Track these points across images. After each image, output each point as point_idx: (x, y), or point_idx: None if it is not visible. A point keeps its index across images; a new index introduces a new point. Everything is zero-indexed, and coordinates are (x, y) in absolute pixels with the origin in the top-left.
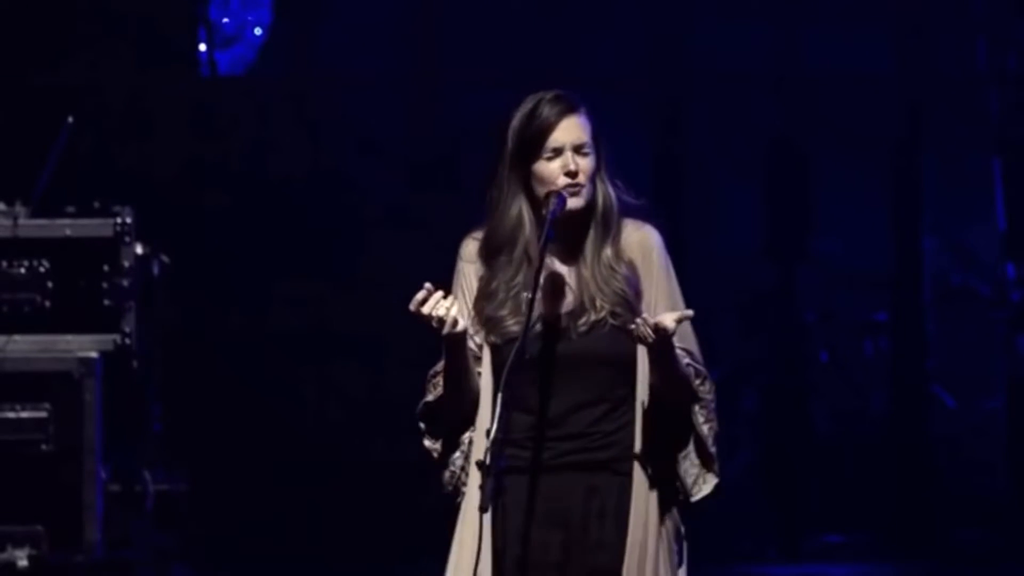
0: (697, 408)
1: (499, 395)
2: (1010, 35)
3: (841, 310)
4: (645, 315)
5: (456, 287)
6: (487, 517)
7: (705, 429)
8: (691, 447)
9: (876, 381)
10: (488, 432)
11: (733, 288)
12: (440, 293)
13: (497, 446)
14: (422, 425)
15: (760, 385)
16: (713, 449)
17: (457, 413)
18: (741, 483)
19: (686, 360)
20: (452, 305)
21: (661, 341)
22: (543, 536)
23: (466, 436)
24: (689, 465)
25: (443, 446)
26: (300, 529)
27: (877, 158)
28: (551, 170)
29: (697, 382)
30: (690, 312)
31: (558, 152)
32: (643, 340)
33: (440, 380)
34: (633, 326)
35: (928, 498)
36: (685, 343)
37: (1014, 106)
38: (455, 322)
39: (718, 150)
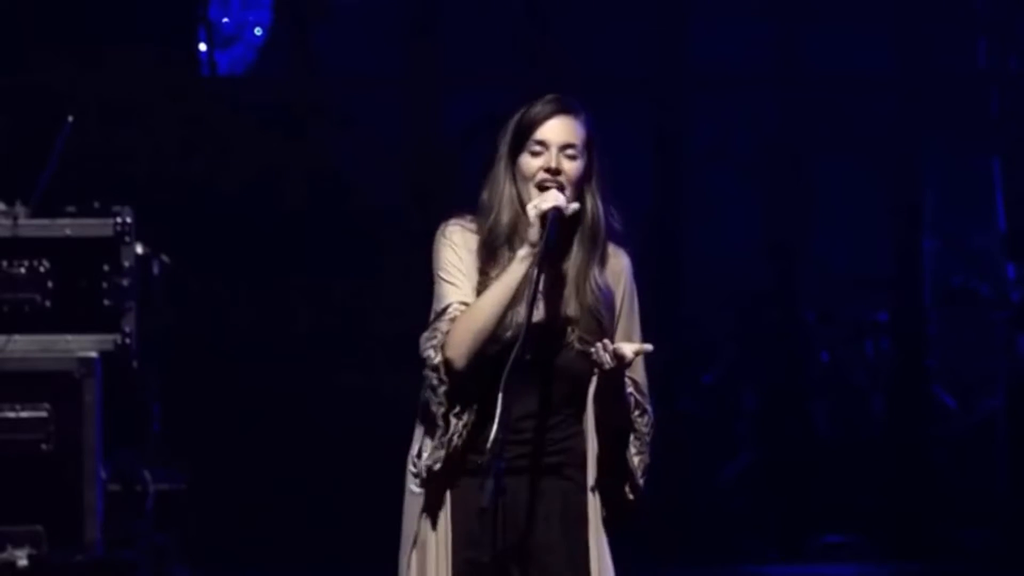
0: (632, 438)
1: (499, 396)
2: (1010, 35)
3: (841, 310)
4: (606, 340)
5: (450, 263)
6: (465, 518)
7: (636, 460)
8: (622, 476)
9: (876, 381)
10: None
11: (733, 288)
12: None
13: (498, 446)
14: (439, 373)
15: (760, 385)
16: (640, 481)
17: (485, 333)
18: (741, 483)
19: (629, 389)
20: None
21: (616, 369)
22: (494, 537)
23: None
24: (617, 491)
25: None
26: (300, 529)
27: (877, 158)
28: (532, 164)
29: (635, 413)
30: (649, 347)
31: (544, 146)
32: (600, 364)
33: (445, 326)
34: (592, 349)
35: (928, 498)
36: (634, 372)
37: (1014, 106)
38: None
39: (718, 150)
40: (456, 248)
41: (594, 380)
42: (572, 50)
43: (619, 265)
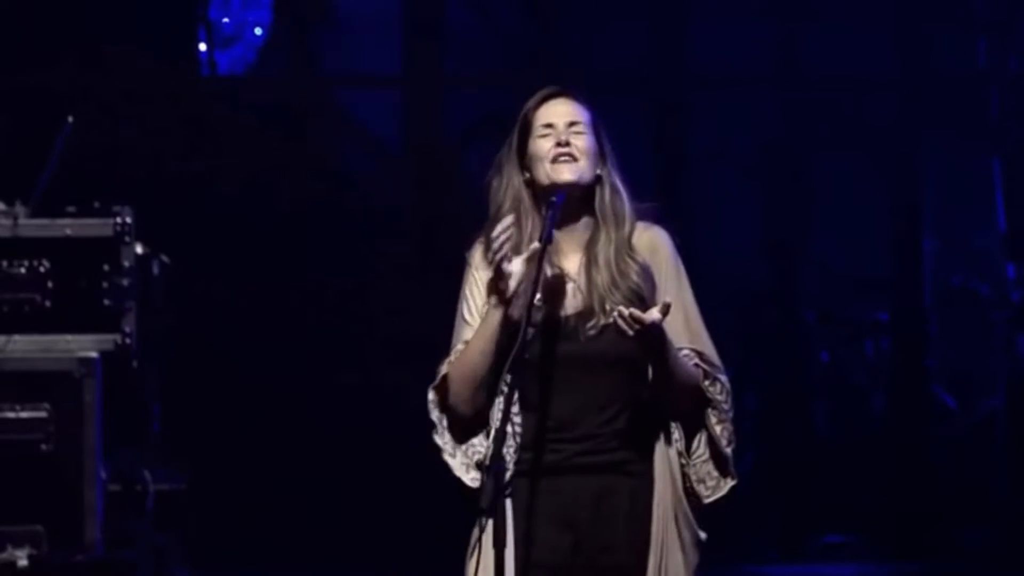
0: (709, 410)
1: (497, 398)
2: (1010, 35)
3: (841, 310)
4: (621, 308)
5: (470, 292)
6: (491, 519)
7: (718, 430)
8: (706, 449)
9: (876, 381)
10: (489, 433)
11: (733, 288)
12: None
13: (499, 447)
14: (434, 415)
15: (760, 385)
16: (728, 451)
17: (476, 385)
18: (741, 483)
19: (694, 361)
20: (518, 263)
21: (644, 334)
22: (554, 539)
23: (495, 411)
24: (705, 467)
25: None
26: (300, 529)
27: (877, 158)
28: (543, 145)
29: (706, 383)
30: (668, 301)
31: (550, 127)
32: (623, 333)
33: (449, 361)
34: (612, 318)
35: (928, 498)
36: (696, 343)
37: (1014, 106)
38: (509, 280)
39: (718, 150)
40: (476, 272)
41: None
42: (572, 50)
43: (655, 240)
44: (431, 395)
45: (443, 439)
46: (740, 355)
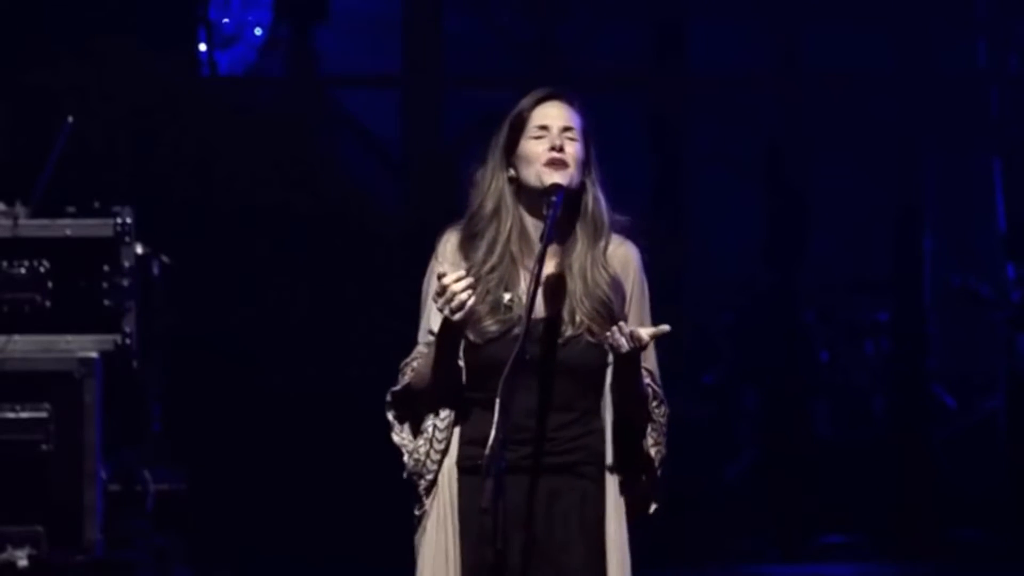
0: (648, 429)
1: (498, 399)
2: (1010, 35)
3: (841, 310)
4: (621, 323)
5: (428, 284)
6: (474, 518)
7: (653, 452)
8: (642, 468)
9: (876, 381)
10: (464, 434)
11: (733, 288)
12: (468, 280)
13: (498, 447)
14: (390, 416)
15: (760, 385)
16: (658, 472)
17: (431, 398)
18: (741, 483)
19: (647, 380)
20: (470, 296)
21: (633, 352)
22: (506, 537)
23: (429, 423)
24: (638, 484)
25: (409, 431)
26: (300, 529)
27: (877, 158)
28: (535, 148)
29: (653, 404)
30: (666, 327)
31: (545, 130)
32: (616, 348)
33: (412, 367)
34: (608, 333)
35: (928, 498)
36: (647, 363)
37: (1014, 106)
38: (464, 312)
39: (718, 150)
40: (443, 266)
41: (609, 373)
42: (571, 50)
43: (626, 255)
44: (389, 398)
45: (401, 436)
46: (740, 355)
